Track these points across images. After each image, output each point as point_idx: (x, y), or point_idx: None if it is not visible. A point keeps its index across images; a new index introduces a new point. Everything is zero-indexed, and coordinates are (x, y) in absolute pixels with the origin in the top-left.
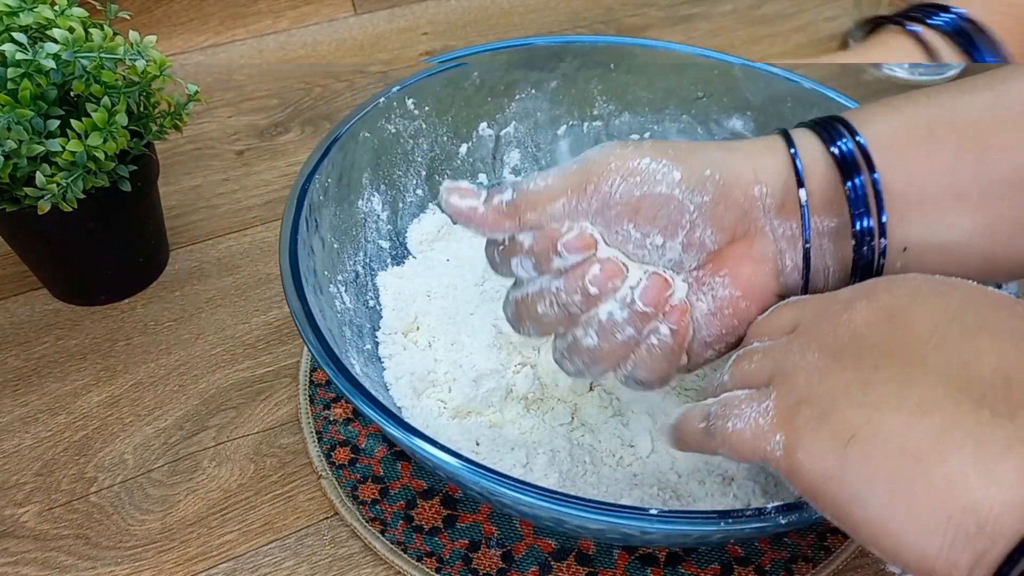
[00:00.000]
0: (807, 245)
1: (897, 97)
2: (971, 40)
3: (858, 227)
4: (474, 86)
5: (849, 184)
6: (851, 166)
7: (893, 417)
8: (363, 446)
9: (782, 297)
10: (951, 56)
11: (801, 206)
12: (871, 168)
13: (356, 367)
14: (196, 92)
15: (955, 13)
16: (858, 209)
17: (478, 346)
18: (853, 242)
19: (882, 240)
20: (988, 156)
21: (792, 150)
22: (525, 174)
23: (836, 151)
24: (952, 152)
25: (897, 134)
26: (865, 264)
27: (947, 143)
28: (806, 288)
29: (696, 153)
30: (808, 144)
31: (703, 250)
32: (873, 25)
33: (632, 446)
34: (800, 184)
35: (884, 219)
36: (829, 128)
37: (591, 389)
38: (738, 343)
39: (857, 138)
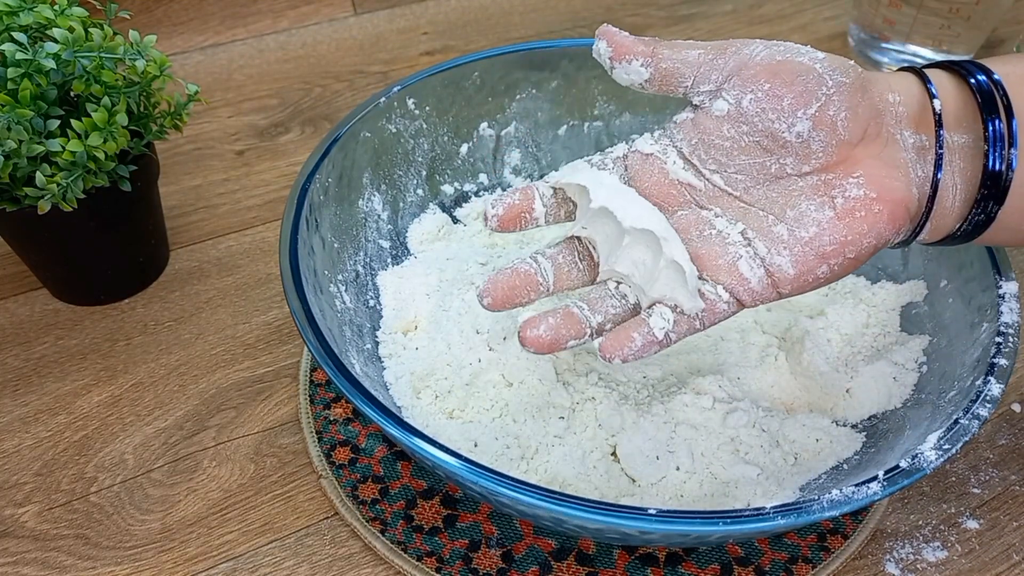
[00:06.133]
0: (940, 152)
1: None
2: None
3: (990, 129)
4: (475, 86)
5: (977, 88)
6: (980, 84)
7: None
8: (363, 446)
9: (910, 213)
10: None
11: (935, 114)
12: (1000, 91)
13: (356, 367)
14: (196, 92)
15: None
16: (990, 113)
17: (477, 346)
18: (985, 147)
19: (1012, 151)
20: None
21: (921, 74)
22: (526, 175)
23: (962, 71)
24: None
25: (1021, 74)
26: (993, 177)
27: None
28: (932, 203)
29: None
30: (936, 74)
31: (833, 135)
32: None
33: None
34: (932, 96)
35: (1015, 126)
36: (954, 65)
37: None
38: (857, 260)
39: (986, 75)
